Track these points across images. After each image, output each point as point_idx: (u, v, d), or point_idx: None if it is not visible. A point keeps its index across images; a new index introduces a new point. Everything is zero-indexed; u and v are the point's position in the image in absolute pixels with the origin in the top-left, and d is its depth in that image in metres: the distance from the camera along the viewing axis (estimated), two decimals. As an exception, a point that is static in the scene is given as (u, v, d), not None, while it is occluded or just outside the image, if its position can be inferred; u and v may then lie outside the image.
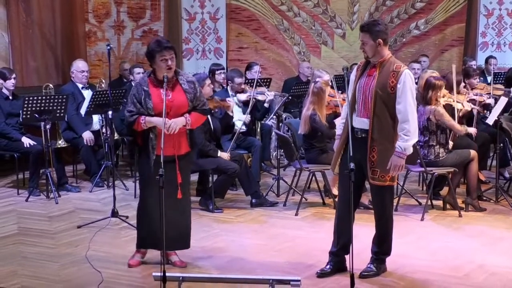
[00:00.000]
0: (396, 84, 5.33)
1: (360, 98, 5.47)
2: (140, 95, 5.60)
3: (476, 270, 5.83)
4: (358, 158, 5.37)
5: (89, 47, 11.27)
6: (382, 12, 12.75)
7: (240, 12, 12.38)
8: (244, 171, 7.87)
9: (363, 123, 5.45)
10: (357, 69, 5.64)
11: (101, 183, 8.88)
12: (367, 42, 5.39)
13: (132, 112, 5.61)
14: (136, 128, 5.63)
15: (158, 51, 5.55)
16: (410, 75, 5.39)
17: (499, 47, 12.78)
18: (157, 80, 5.63)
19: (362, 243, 6.24)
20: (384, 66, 5.42)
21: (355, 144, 5.25)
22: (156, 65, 5.60)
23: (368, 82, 5.44)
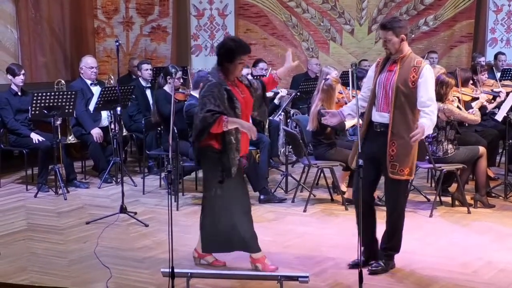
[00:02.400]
0: (417, 79, 5.42)
1: (380, 93, 5.53)
2: (223, 94, 5.36)
3: (484, 266, 5.81)
4: (375, 151, 5.49)
5: (97, 43, 11.30)
6: (391, 8, 12.72)
7: (248, 8, 12.38)
8: (252, 167, 7.86)
9: (383, 118, 5.51)
10: (376, 65, 5.71)
11: (110, 179, 8.90)
12: (390, 39, 5.48)
13: (213, 111, 5.29)
14: (215, 129, 5.32)
15: (241, 53, 5.45)
16: (431, 70, 5.50)
17: (508, 43, 12.75)
18: (228, 79, 5.49)
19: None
20: (405, 61, 5.50)
21: (373, 138, 5.47)
22: (232, 65, 5.45)
23: (388, 77, 5.51)
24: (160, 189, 8.66)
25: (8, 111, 8.62)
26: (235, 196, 5.55)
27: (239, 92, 5.50)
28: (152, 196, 8.32)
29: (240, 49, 5.47)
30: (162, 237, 6.46)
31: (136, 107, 9.63)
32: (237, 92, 5.48)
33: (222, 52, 5.50)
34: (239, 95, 5.48)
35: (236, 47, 5.47)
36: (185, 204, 7.89)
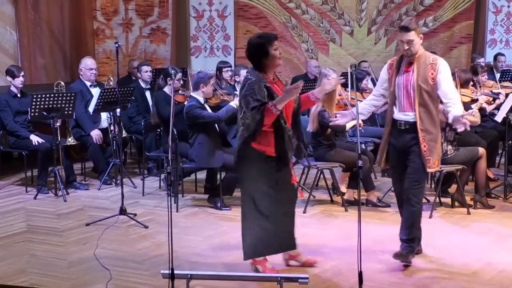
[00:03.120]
0: (436, 75, 5.62)
1: (402, 94, 5.72)
2: (263, 90, 5.33)
3: (484, 267, 5.81)
4: (401, 147, 5.77)
5: (97, 45, 11.30)
6: (390, 9, 12.73)
7: (248, 9, 12.38)
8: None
9: (407, 116, 5.72)
10: (390, 67, 5.86)
11: (109, 181, 8.90)
12: (413, 40, 5.62)
13: (257, 106, 5.25)
14: (269, 119, 5.27)
15: (269, 42, 5.39)
16: (446, 64, 5.73)
17: (507, 44, 12.75)
18: (268, 78, 5.45)
19: (370, 240, 6.25)
20: (420, 60, 5.67)
21: (398, 135, 5.77)
22: (268, 58, 5.38)
23: (407, 78, 5.69)
24: (160, 190, 8.66)
25: (8, 113, 8.62)
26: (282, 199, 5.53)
27: (279, 89, 5.47)
28: (152, 197, 8.32)
29: (267, 39, 5.45)
30: (162, 239, 6.46)
31: (136, 109, 9.63)
32: (277, 90, 5.45)
33: (253, 51, 5.46)
34: (279, 92, 5.44)
35: (262, 38, 5.47)
36: (184, 206, 7.89)
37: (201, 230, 6.95)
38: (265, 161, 5.40)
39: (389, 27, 12.74)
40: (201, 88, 7.72)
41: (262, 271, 5.57)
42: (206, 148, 7.60)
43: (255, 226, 5.50)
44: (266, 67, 5.42)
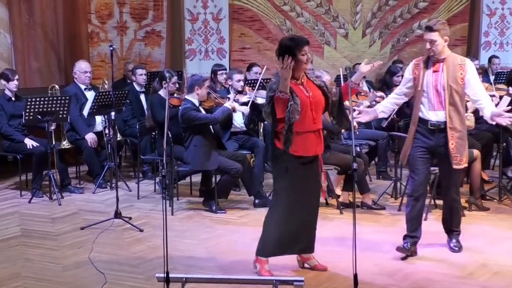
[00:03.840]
0: (465, 75, 5.93)
1: (432, 93, 5.97)
2: None
3: (479, 269, 5.82)
4: (431, 146, 6.02)
5: (91, 48, 11.27)
6: (385, 11, 12.74)
7: (242, 12, 12.37)
8: (247, 171, 7.87)
9: (438, 115, 5.97)
10: (415, 67, 6.09)
11: (104, 184, 8.89)
12: (436, 41, 5.88)
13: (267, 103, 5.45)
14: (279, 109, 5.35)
15: (298, 47, 5.44)
16: (473, 64, 6.09)
17: (501, 47, 12.79)
18: (294, 78, 5.49)
19: (366, 242, 6.26)
20: (449, 61, 5.94)
21: (427, 134, 6.01)
22: (295, 63, 5.38)
23: (436, 78, 5.95)
24: (155, 194, 8.65)
25: (2, 116, 8.61)
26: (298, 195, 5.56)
27: (303, 90, 5.50)
28: (147, 201, 8.31)
29: (298, 43, 5.48)
30: (157, 242, 6.45)
31: (131, 112, 9.62)
32: (300, 90, 5.48)
33: (282, 53, 5.48)
34: (302, 93, 5.47)
35: (293, 42, 5.50)
36: (180, 209, 7.88)
37: (196, 234, 6.95)
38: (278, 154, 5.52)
39: (383, 30, 12.75)
40: (196, 90, 7.73)
41: (258, 271, 5.61)
42: (201, 151, 7.60)
43: (272, 223, 5.61)
44: (293, 69, 5.45)
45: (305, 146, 5.49)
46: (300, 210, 5.57)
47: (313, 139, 5.54)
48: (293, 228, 5.59)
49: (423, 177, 6.13)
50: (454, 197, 6.22)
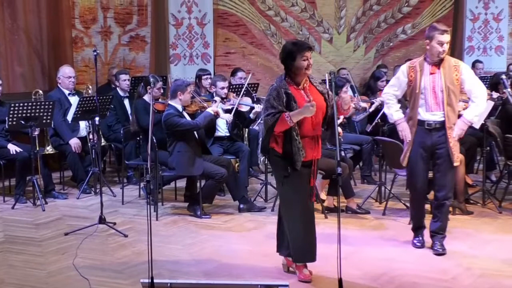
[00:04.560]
0: (460, 76, 6.18)
1: (430, 95, 6.17)
2: (281, 98, 5.43)
3: (463, 273, 5.84)
4: (429, 145, 6.23)
5: (75, 53, 11.23)
6: (369, 16, 12.78)
7: (227, 17, 12.36)
8: (232, 176, 7.87)
9: (435, 116, 6.19)
10: (410, 69, 6.28)
11: (88, 190, 8.85)
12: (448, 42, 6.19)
13: (274, 113, 5.40)
14: (281, 127, 5.41)
15: (299, 52, 5.49)
16: (466, 65, 6.44)
17: (485, 51, 12.86)
18: (295, 83, 5.56)
19: (351, 246, 6.27)
20: (445, 63, 6.18)
21: (425, 135, 6.22)
22: (295, 67, 5.50)
23: (434, 80, 6.16)
24: (139, 199, 8.62)
25: (-15, 122, 8.56)
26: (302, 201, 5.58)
27: (304, 96, 5.52)
28: (131, 206, 8.29)
29: (300, 48, 5.52)
30: (142, 247, 6.44)
31: (115, 117, 9.59)
32: (301, 96, 5.51)
33: (284, 57, 5.58)
34: (303, 98, 5.49)
35: (295, 46, 5.55)
36: (164, 214, 7.86)
37: (181, 239, 6.93)
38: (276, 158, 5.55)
39: (367, 35, 12.79)
40: (179, 96, 7.72)
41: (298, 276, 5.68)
42: (185, 156, 7.59)
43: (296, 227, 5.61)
44: (293, 74, 5.56)
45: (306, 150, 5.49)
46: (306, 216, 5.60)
47: (311, 144, 5.54)
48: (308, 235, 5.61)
49: (425, 176, 6.41)
50: (449, 195, 6.40)
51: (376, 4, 12.80)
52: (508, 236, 6.95)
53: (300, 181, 5.52)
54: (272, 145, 5.56)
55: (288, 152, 5.47)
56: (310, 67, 5.56)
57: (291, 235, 5.62)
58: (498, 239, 6.78)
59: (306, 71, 5.53)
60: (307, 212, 5.61)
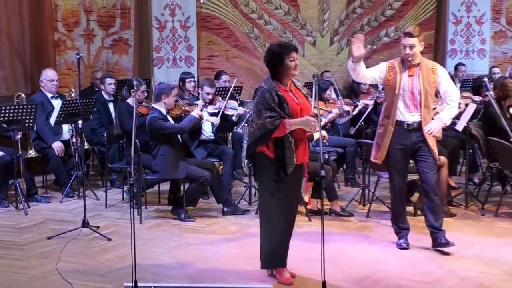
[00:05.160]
0: (437, 78, 6.34)
1: (407, 96, 6.30)
2: (275, 100, 5.41)
3: (447, 275, 5.86)
4: (409, 145, 6.34)
5: (58, 56, 11.19)
6: (352, 19, 12.83)
7: (210, 20, 12.36)
8: (215, 179, 7.86)
9: (414, 117, 6.32)
10: (390, 69, 6.37)
11: (72, 193, 8.81)
12: (415, 46, 6.23)
13: (275, 117, 5.36)
14: (279, 133, 5.39)
15: (286, 53, 5.49)
16: (443, 67, 6.56)
17: (467, 54, 12.93)
18: (283, 85, 5.55)
19: (335, 249, 6.28)
20: (422, 66, 6.30)
21: (404, 135, 6.33)
22: (283, 68, 5.49)
23: (412, 82, 6.28)
24: (123, 202, 8.59)
25: (-32, 125, 8.50)
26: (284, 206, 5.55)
27: (293, 98, 5.53)
28: (115, 209, 8.25)
29: (286, 49, 5.53)
30: (125, 251, 6.41)
31: (98, 121, 9.56)
32: (291, 98, 5.51)
33: (270, 59, 5.58)
34: (293, 100, 5.50)
35: (280, 50, 5.54)
36: (148, 217, 7.84)
37: (164, 242, 6.91)
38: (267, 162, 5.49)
39: (351, 37, 12.80)
40: (163, 99, 7.71)
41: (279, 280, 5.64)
42: (169, 160, 7.57)
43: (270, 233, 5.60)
44: (280, 75, 5.55)
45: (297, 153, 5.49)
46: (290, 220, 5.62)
47: (301, 147, 5.55)
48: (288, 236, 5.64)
49: (405, 176, 6.58)
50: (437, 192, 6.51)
51: (360, 7, 12.86)
52: (491, 238, 6.99)
53: (289, 186, 5.50)
54: (262, 149, 5.49)
55: (280, 157, 5.43)
56: (297, 68, 5.56)
57: (268, 240, 5.60)
58: (481, 241, 6.82)
59: (294, 71, 5.53)
60: (291, 219, 5.61)
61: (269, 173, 5.50)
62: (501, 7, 13.32)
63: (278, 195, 5.49)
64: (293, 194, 5.60)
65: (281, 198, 5.49)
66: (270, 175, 5.50)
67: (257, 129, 5.42)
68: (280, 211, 5.52)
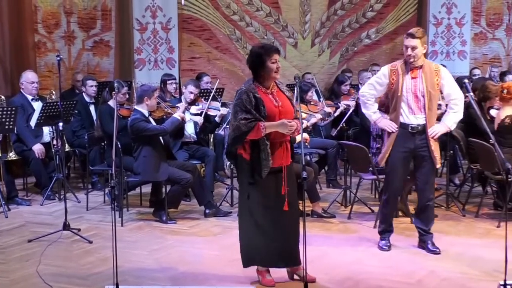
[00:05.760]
0: (440, 81, 6.27)
1: (411, 99, 6.24)
2: (251, 102, 5.41)
3: (428, 276, 5.89)
4: (412, 148, 6.29)
5: (39, 58, 11.12)
6: (333, 21, 12.85)
7: (192, 22, 12.34)
8: (197, 181, 7.85)
9: (419, 119, 6.26)
10: (392, 72, 6.29)
11: (52, 196, 8.76)
12: (417, 47, 6.15)
13: (250, 119, 5.36)
14: (253, 135, 5.39)
15: (268, 55, 5.45)
16: (446, 69, 6.47)
17: (448, 56, 13.01)
18: (264, 87, 5.52)
19: (317, 250, 6.29)
20: (425, 68, 6.24)
21: (408, 137, 6.27)
22: (265, 70, 5.47)
23: (415, 84, 6.23)
24: (104, 205, 8.56)
25: None
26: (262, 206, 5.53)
27: (273, 100, 5.50)
28: (96, 212, 8.22)
29: (268, 50, 5.50)
30: (107, 254, 6.38)
31: (80, 123, 9.51)
32: (269, 100, 5.49)
33: (252, 61, 5.56)
34: (271, 103, 5.48)
35: (261, 51, 5.51)
36: (129, 220, 7.82)
37: (146, 244, 6.89)
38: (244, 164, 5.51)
39: (332, 39, 12.86)
40: (145, 101, 7.69)
41: (261, 281, 5.62)
42: (151, 162, 7.56)
43: (244, 232, 5.62)
44: (262, 77, 5.52)
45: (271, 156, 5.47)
46: (269, 222, 5.52)
47: (280, 150, 5.51)
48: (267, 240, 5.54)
49: (403, 179, 6.55)
50: (431, 197, 6.47)
51: (341, 9, 12.88)
52: (472, 238, 7.03)
53: (265, 188, 5.48)
54: (240, 151, 5.52)
55: (255, 159, 5.44)
56: (279, 70, 5.53)
57: (242, 239, 5.63)
58: (462, 242, 6.85)
59: (275, 74, 5.50)
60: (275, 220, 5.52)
61: (246, 175, 5.52)
62: (481, 8, 13.42)
63: (254, 197, 5.50)
64: (273, 197, 5.50)
65: (258, 200, 5.49)
66: (246, 177, 5.52)
67: (232, 130, 5.45)
68: (255, 212, 5.50)
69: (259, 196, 5.49)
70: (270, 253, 5.57)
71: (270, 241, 5.53)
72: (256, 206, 5.51)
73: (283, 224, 5.52)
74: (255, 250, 5.58)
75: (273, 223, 5.51)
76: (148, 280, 5.79)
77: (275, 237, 5.52)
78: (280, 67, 5.57)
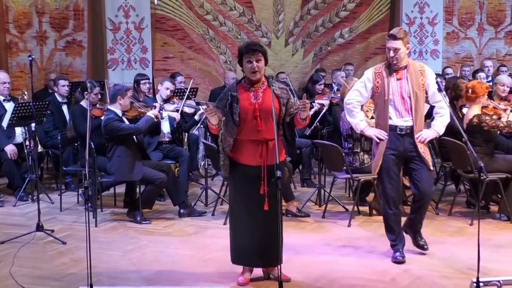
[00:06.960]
0: (425, 80, 6.08)
1: (398, 101, 6.06)
2: (226, 100, 5.46)
3: (402, 274, 5.92)
4: (402, 151, 6.09)
5: (10, 58, 11.04)
6: (307, 21, 12.88)
7: (165, 21, 12.31)
8: (171, 181, 7.83)
9: (406, 122, 6.07)
10: (377, 75, 6.12)
11: (25, 197, 8.69)
12: (399, 49, 5.96)
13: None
14: (213, 131, 5.49)
15: (244, 52, 5.44)
16: (430, 69, 6.25)
17: (421, 55, 13.09)
18: (249, 84, 5.50)
19: (292, 250, 6.30)
20: (410, 69, 6.05)
21: (398, 139, 6.07)
22: (243, 67, 5.48)
23: (401, 85, 6.05)
24: (78, 205, 8.51)
25: None
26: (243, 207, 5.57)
27: (251, 98, 5.46)
28: (70, 213, 8.17)
29: (244, 49, 5.49)
30: (81, 254, 6.35)
31: (52, 123, 9.45)
32: (246, 98, 5.46)
33: (239, 58, 5.56)
34: (247, 101, 5.45)
35: (243, 48, 5.51)
36: (103, 220, 7.78)
37: (120, 245, 6.87)
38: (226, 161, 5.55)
39: (306, 39, 12.90)
40: (119, 100, 7.66)
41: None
42: (125, 161, 7.53)
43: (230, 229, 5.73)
44: (245, 74, 5.53)
45: (244, 153, 5.47)
46: (246, 220, 5.53)
47: (255, 149, 5.45)
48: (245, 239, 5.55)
49: (399, 185, 6.25)
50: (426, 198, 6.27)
51: (314, 9, 12.92)
52: (445, 237, 7.08)
53: (243, 186, 5.50)
54: None
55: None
56: (255, 71, 5.42)
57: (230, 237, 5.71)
58: (435, 240, 6.89)
59: (250, 75, 5.44)
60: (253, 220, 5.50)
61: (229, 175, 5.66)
62: (453, 8, 13.52)
63: (233, 194, 5.65)
64: (249, 195, 5.49)
65: (235, 198, 5.61)
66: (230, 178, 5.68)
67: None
68: (235, 210, 5.61)
69: (237, 194, 5.55)
70: (248, 253, 5.59)
71: (247, 240, 5.54)
72: (234, 204, 5.60)
73: (261, 223, 5.49)
74: (237, 248, 5.64)
75: (251, 222, 5.51)
76: (123, 280, 5.77)
77: (252, 237, 5.52)
78: (256, 68, 5.41)
